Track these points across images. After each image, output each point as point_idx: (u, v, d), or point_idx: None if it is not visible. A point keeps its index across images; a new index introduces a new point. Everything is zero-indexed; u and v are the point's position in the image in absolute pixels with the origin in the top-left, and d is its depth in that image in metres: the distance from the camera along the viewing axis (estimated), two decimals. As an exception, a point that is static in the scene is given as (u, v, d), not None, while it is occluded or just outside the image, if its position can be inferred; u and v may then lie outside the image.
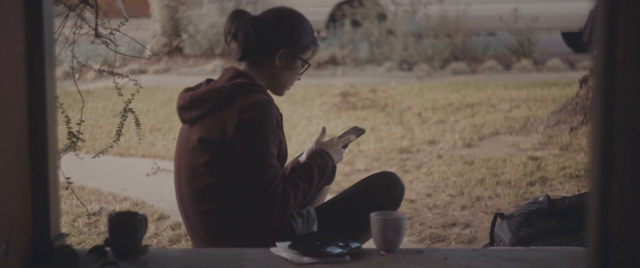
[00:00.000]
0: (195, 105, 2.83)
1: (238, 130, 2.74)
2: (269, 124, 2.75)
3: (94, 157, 3.14)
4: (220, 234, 2.82)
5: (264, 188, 2.74)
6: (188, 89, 2.91)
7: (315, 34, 3.09)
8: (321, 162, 2.94)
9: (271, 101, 2.81)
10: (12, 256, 2.23)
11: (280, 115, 2.87)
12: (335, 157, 3.00)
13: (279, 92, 2.96)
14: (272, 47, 2.87)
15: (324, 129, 3.12)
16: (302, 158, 3.10)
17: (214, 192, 2.79)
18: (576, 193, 4.88)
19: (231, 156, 2.76)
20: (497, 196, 5.11)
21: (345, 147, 3.10)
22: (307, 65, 2.95)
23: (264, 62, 2.89)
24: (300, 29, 2.91)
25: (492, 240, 3.81)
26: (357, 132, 3.19)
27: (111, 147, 3.14)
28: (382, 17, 11.95)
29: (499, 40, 12.07)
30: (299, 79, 3.00)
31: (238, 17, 2.88)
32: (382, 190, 2.98)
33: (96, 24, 3.04)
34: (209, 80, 2.95)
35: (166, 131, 7.24)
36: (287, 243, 2.66)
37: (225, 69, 2.92)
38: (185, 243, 4.32)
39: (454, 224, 4.61)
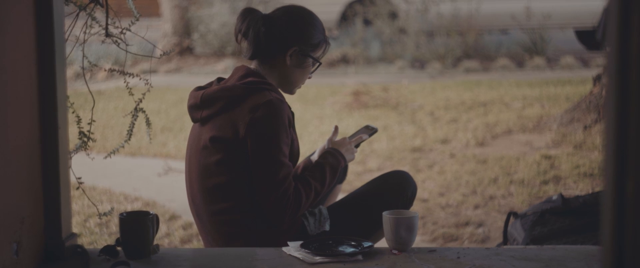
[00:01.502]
0: (206, 105, 2.82)
1: (250, 129, 2.73)
2: (281, 123, 2.74)
3: (106, 157, 3.13)
4: (232, 234, 2.81)
5: (276, 188, 2.73)
6: (199, 88, 2.90)
7: (327, 33, 3.07)
8: (333, 161, 2.93)
9: (283, 100, 2.79)
10: (23, 256, 2.23)
11: (292, 113, 2.86)
12: (347, 156, 2.99)
13: (290, 91, 2.94)
14: (283, 46, 2.86)
15: (336, 128, 3.10)
16: (314, 157, 3.09)
17: (225, 191, 2.78)
18: (590, 192, 4.85)
19: (243, 155, 2.75)
20: (510, 195, 5.09)
21: (357, 146, 3.09)
22: (318, 64, 2.93)
23: (275, 60, 2.87)
24: (311, 27, 2.89)
25: (506, 239, 3.79)
26: (370, 131, 3.17)
27: (123, 147, 3.13)
28: (393, 15, 11.93)
29: (512, 38, 12.03)
30: (310, 78, 2.98)
31: (249, 16, 2.87)
32: (395, 189, 2.96)
33: (107, 24, 3.03)
34: (220, 79, 2.94)
35: (177, 131, 7.25)
36: (299, 242, 2.65)
37: (236, 68, 2.90)
38: (197, 243, 4.32)
39: (467, 223, 4.59)
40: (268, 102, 2.74)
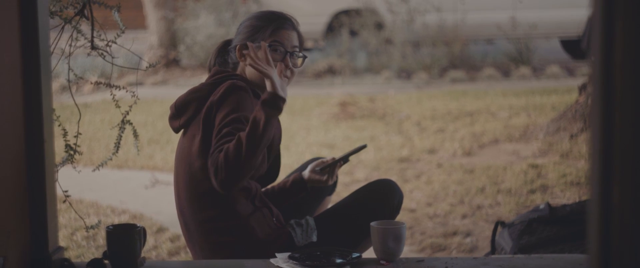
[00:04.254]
0: (181, 111, 2.87)
1: (212, 108, 2.75)
2: (242, 99, 2.72)
3: (94, 170, 3.13)
4: (219, 243, 2.80)
5: (219, 151, 2.64)
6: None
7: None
8: (258, 108, 2.65)
9: (246, 87, 2.79)
10: (9, 270, 2.22)
11: None
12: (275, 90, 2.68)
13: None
14: (232, 50, 2.95)
15: (315, 163, 3.09)
16: (306, 173, 3.08)
17: (212, 197, 2.77)
18: (577, 200, 4.86)
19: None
20: (497, 204, 5.09)
21: (346, 161, 3.08)
22: (270, 48, 2.88)
23: (239, 65, 2.92)
24: (245, 21, 2.95)
25: (494, 249, 3.80)
26: (359, 146, 3.15)
27: (110, 159, 3.13)
28: (379, 26, 11.94)
29: (498, 48, 12.06)
30: (288, 66, 2.89)
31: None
32: (381, 197, 2.96)
33: (92, 36, 3.03)
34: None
35: (164, 143, 7.23)
36: (287, 254, 2.65)
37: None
38: (185, 256, 4.31)
39: (454, 233, 4.60)
40: (230, 84, 2.77)
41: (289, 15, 2.98)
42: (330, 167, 3.05)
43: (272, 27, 2.90)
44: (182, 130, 2.93)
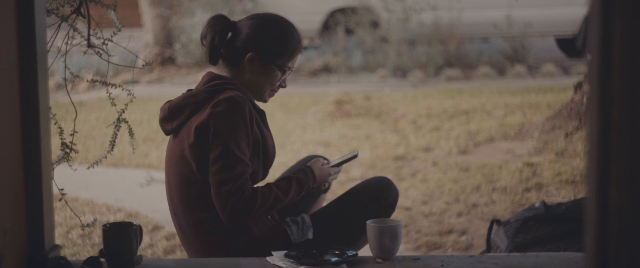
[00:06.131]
0: (174, 115, 2.82)
1: (210, 122, 2.71)
2: (241, 119, 2.70)
3: (89, 168, 3.12)
4: (215, 243, 2.80)
5: (232, 181, 2.66)
6: (168, 101, 2.89)
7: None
8: (303, 177, 2.88)
9: (245, 99, 2.76)
10: (5, 268, 2.22)
11: (262, 111, 2.84)
12: (317, 176, 2.95)
13: (260, 98, 2.90)
14: (241, 51, 2.84)
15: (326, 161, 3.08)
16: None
17: (205, 200, 2.76)
18: (572, 198, 4.87)
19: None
20: (493, 203, 5.10)
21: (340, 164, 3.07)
22: (285, 72, 2.89)
23: (239, 66, 2.86)
24: (272, 33, 2.85)
25: (489, 247, 3.80)
26: (351, 155, 3.13)
27: (105, 157, 3.12)
28: (375, 24, 11.95)
29: (493, 47, 12.07)
30: (284, 87, 2.95)
31: (212, 21, 2.86)
32: (377, 195, 2.95)
33: (89, 35, 3.03)
34: (189, 90, 2.92)
35: (160, 141, 7.23)
36: (283, 252, 2.65)
37: (204, 75, 2.90)
38: (181, 254, 4.30)
39: (450, 231, 4.60)
40: (229, 98, 2.71)
41: (299, 33, 2.94)
42: None
43: (292, 51, 2.87)
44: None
